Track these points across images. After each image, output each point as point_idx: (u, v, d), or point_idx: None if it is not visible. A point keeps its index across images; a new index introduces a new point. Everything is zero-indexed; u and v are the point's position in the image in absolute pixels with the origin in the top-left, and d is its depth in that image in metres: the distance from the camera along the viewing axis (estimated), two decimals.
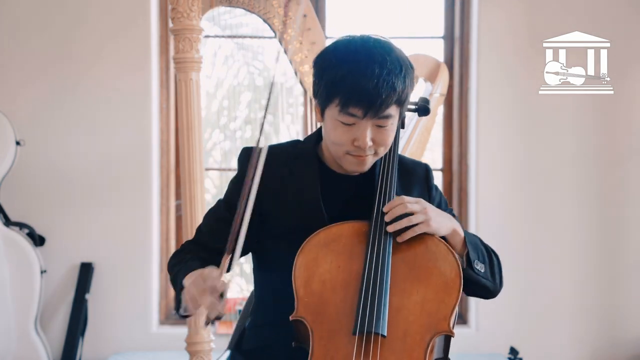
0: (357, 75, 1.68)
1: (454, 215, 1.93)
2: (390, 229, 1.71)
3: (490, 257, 1.84)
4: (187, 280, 1.65)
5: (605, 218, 3.89)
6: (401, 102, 1.73)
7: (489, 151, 3.86)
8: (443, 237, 1.76)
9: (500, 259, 1.89)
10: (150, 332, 3.83)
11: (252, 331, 1.90)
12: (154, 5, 3.83)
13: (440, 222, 1.74)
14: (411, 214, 1.71)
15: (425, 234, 1.74)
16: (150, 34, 3.80)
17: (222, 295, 1.55)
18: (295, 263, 1.70)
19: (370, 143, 1.73)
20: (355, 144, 1.73)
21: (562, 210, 3.88)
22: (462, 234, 1.77)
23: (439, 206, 1.90)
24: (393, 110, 1.72)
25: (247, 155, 1.82)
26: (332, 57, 1.74)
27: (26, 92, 3.78)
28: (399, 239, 1.71)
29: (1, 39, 3.77)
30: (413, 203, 1.72)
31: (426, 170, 1.94)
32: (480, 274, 1.78)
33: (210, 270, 1.59)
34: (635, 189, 3.88)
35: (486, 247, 1.86)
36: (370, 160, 1.78)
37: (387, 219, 1.72)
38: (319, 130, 1.88)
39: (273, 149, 1.83)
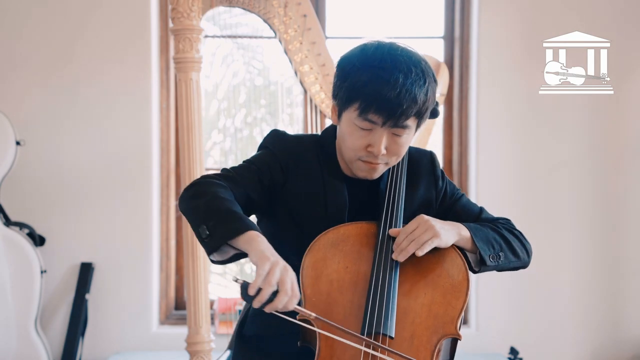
0: (380, 82, 1.67)
1: (462, 196, 1.94)
2: (401, 257, 1.69)
3: (507, 240, 1.82)
4: (267, 250, 1.55)
5: (605, 218, 3.89)
6: (421, 115, 1.73)
7: (489, 151, 3.86)
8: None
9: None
10: (150, 332, 3.83)
11: (256, 318, 1.90)
12: (154, 5, 3.83)
13: (447, 231, 1.73)
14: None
15: None
16: (150, 34, 3.80)
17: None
18: (303, 262, 1.70)
19: (384, 151, 1.73)
20: (369, 149, 1.73)
21: (563, 210, 3.88)
22: (468, 234, 1.76)
23: (451, 195, 1.92)
24: (411, 122, 1.72)
25: (281, 138, 1.84)
26: (357, 60, 1.73)
27: (26, 92, 3.78)
28: (419, 253, 1.68)
29: (1, 39, 3.77)
30: (414, 229, 1.71)
31: (431, 159, 1.94)
32: (500, 264, 1.78)
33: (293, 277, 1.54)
34: (636, 189, 3.89)
35: (499, 230, 1.84)
36: (381, 169, 1.78)
37: (395, 257, 1.70)
38: (334, 129, 1.87)
39: (304, 139, 1.86)
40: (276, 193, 1.80)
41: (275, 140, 1.85)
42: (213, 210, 1.61)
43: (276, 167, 1.80)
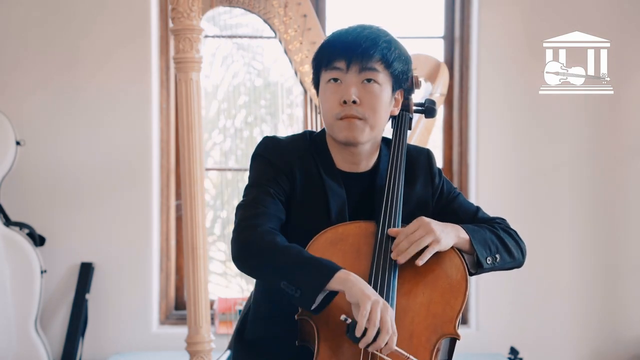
0: (339, 34, 1.78)
1: (458, 195, 1.94)
2: (401, 259, 1.68)
3: (503, 241, 1.83)
4: (366, 288, 1.56)
5: (605, 217, 3.89)
6: (388, 62, 1.76)
7: (489, 151, 3.86)
8: None
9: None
10: (150, 332, 3.83)
11: (255, 322, 1.90)
12: (154, 5, 3.83)
13: (446, 235, 1.73)
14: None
15: None
16: (150, 34, 3.80)
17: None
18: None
19: (356, 99, 1.75)
20: (342, 99, 1.76)
21: (562, 210, 3.88)
22: (466, 237, 1.76)
23: (448, 193, 1.92)
24: (379, 66, 1.76)
25: (276, 145, 1.84)
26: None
27: (26, 91, 3.78)
28: (419, 262, 1.68)
29: (2, 39, 3.77)
30: (415, 231, 1.70)
31: (428, 157, 1.95)
32: (497, 265, 1.79)
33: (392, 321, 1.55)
34: (635, 189, 3.89)
35: (495, 231, 1.84)
36: (359, 127, 1.77)
37: (394, 257, 1.70)
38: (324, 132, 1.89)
39: (297, 139, 1.87)
40: (288, 201, 1.81)
41: (271, 149, 1.84)
42: (284, 261, 1.61)
43: (282, 177, 1.80)
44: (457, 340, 1.70)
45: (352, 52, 1.74)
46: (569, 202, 3.88)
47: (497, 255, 1.79)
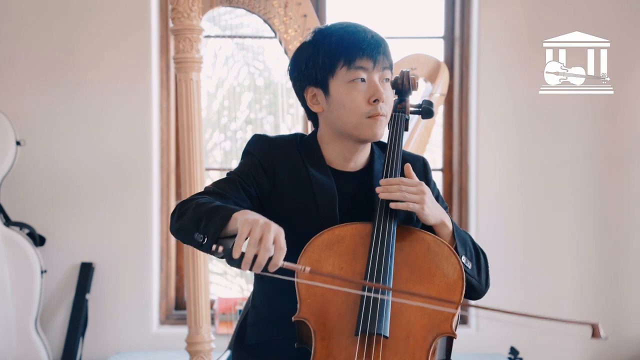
0: (353, 32, 1.78)
1: (446, 209, 1.94)
2: (383, 196, 1.72)
3: (478, 256, 1.84)
4: (249, 215, 1.51)
5: (605, 218, 3.89)
6: (391, 63, 1.82)
7: (489, 151, 3.86)
8: (430, 229, 1.77)
9: (490, 259, 1.90)
10: (150, 332, 3.83)
11: (255, 326, 1.90)
12: (154, 5, 3.83)
13: (433, 210, 1.75)
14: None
15: (426, 234, 1.75)
16: (150, 34, 3.80)
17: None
18: (298, 263, 1.70)
19: (384, 97, 1.78)
20: (372, 98, 1.77)
21: (562, 210, 3.88)
22: (450, 227, 1.78)
23: (441, 204, 1.91)
24: (389, 65, 1.81)
25: (263, 142, 1.85)
26: (318, 37, 1.81)
27: (27, 91, 3.78)
28: (392, 205, 1.72)
29: (2, 38, 3.77)
30: (409, 186, 1.74)
31: (424, 164, 1.97)
32: (467, 271, 1.78)
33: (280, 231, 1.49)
34: (636, 189, 3.89)
35: (475, 245, 1.86)
36: (384, 124, 1.81)
37: (379, 191, 1.74)
38: (314, 132, 1.90)
39: (285, 138, 1.88)
40: (266, 198, 1.81)
41: (257, 145, 1.86)
42: (199, 215, 1.59)
43: (260, 173, 1.81)
44: (454, 340, 1.69)
45: (377, 51, 1.76)
46: (568, 202, 3.88)
47: (470, 263, 1.79)
